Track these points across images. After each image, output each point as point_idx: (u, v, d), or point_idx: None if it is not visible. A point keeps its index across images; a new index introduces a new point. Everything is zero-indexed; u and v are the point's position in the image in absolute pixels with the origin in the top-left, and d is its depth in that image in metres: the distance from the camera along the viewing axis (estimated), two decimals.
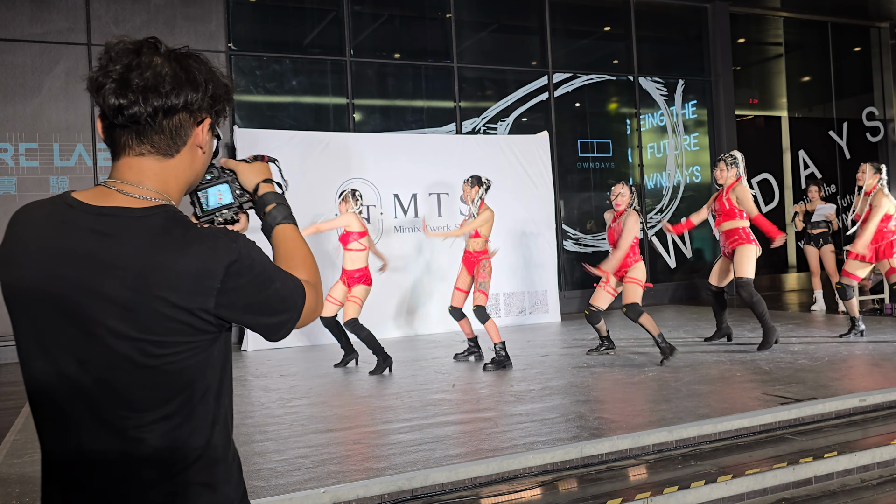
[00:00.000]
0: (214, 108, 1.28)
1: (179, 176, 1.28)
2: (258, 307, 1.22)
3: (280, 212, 1.40)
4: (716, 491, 3.35)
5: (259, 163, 1.44)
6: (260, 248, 1.25)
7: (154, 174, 1.24)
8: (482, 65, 10.63)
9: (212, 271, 1.16)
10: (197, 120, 1.26)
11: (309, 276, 1.35)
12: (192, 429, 1.22)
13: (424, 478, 3.36)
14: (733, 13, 12.31)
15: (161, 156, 1.24)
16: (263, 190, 1.42)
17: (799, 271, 13.06)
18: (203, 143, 1.29)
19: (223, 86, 1.29)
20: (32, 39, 8.16)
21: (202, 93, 1.24)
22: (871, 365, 5.52)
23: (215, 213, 1.41)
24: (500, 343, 6.10)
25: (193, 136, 1.27)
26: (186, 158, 1.27)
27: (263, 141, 8.39)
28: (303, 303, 1.29)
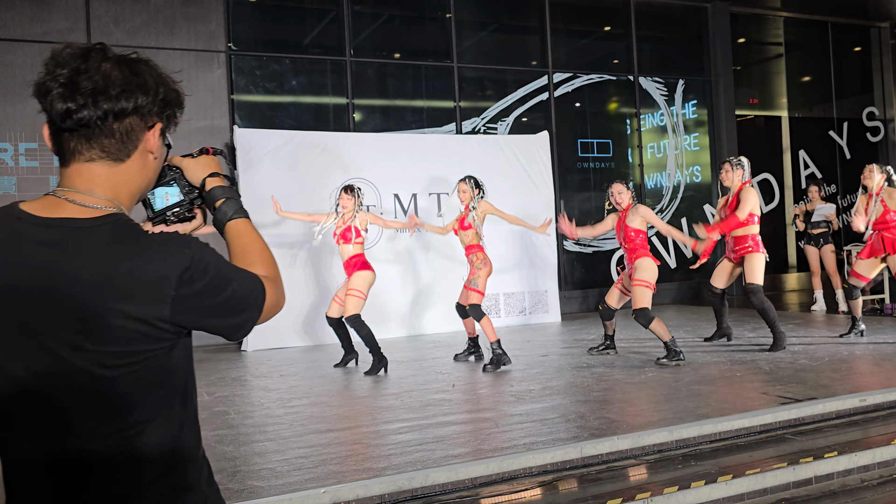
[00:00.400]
0: (165, 112, 1.27)
1: (131, 181, 1.25)
2: (216, 310, 1.21)
3: (230, 206, 1.36)
4: (716, 491, 3.35)
5: (205, 156, 1.42)
6: (214, 250, 1.23)
7: (105, 180, 1.22)
8: (482, 65, 10.63)
9: (165, 279, 1.14)
10: (148, 124, 1.25)
11: (267, 271, 1.33)
12: (158, 435, 1.20)
13: (424, 478, 3.36)
14: (733, 13, 12.31)
15: (112, 161, 1.22)
16: (211, 184, 1.38)
17: (799, 271, 13.06)
18: (154, 149, 1.27)
19: (174, 91, 1.28)
20: (32, 39, 8.15)
21: (153, 96, 1.23)
22: (871, 365, 5.52)
23: (166, 213, 1.39)
24: (495, 342, 6.08)
25: (144, 141, 1.25)
26: (137, 163, 1.25)
27: (263, 141, 8.39)
28: (262, 300, 1.28)
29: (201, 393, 5.65)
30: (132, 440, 1.18)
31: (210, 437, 4.24)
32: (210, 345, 8.54)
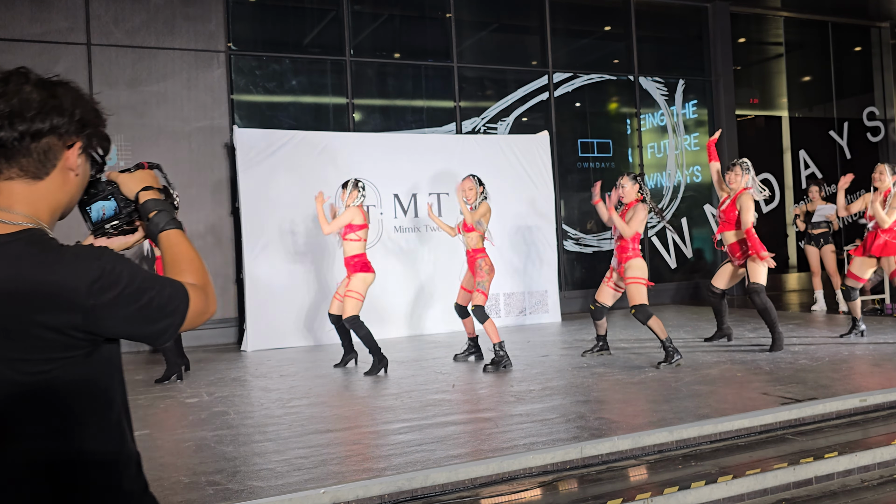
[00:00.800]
0: (84, 132, 1.32)
1: (50, 198, 1.30)
2: (132, 319, 1.24)
3: (162, 218, 1.41)
4: (716, 491, 3.35)
5: (140, 171, 1.47)
6: (130, 261, 1.27)
7: (23, 197, 1.27)
8: (482, 64, 10.63)
9: (75, 290, 1.19)
10: (67, 143, 1.30)
11: (195, 279, 1.36)
12: (81, 438, 1.24)
13: (424, 478, 3.35)
14: (734, 13, 12.31)
15: (30, 178, 1.28)
16: (144, 198, 1.44)
17: (799, 271, 13.05)
18: (74, 167, 1.32)
19: (92, 111, 1.34)
20: (32, 39, 8.15)
21: (69, 117, 1.28)
22: (871, 365, 5.51)
23: (104, 226, 1.45)
24: (498, 343, 6.09)
25: (64, 159, 1.30)
26: (57, 181, 1.30)
27: (263, 141, 8.38)
28: (185, 307, 1.31)
29: (202, 393, 5.65)
30: (52, 444, 1.22)
31: (210, 438, 4.24)
32: (210, 345, 8.54)
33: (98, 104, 1.37)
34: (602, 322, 6.48)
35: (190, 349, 7.69)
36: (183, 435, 4.34)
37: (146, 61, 8.61)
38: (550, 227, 9.69)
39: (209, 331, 8.67)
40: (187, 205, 8.66)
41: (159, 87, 8.64)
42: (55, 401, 1.22)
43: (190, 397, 5.51)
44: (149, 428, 4.56)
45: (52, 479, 1.23)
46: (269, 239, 8.25)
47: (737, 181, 6.56)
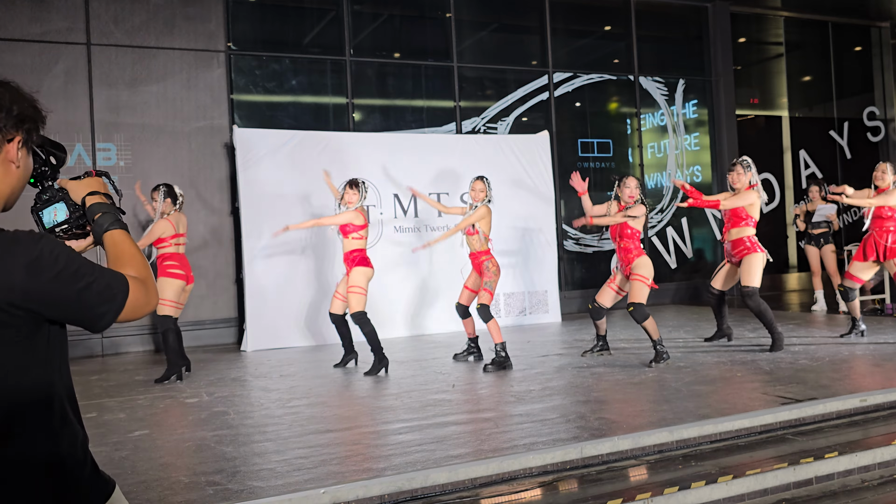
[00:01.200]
0: (24, 126, 1.43)
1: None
2: (70, 300, 1.32)
3: (106, 219, 1.52)
4: (716, 491, 3.35)
5: (88, 178, 1.59)
6: (71, 249, 1.36)
7: None
8: (482, 64, 10.62)
9: (11, 269, 1.27)
10: (6, 138, 1.41)
11: (136, 272, 1.45)
12: (22, 421, 1.32)
13: (424, 478, 3.35)
14: (734, 13, 12.30)
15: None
16: (90, 202, 1.55)
17: (800, 271, 13.05)
18: (15, 159, 1.43)
19: (30, 108, 1.44)
20: (32, 39, 8.15)
21: (6, 113, 1.39)
22: (871, 365, 5.51)
23: (55, 230, 1.56)
24: (500, 344, 6.09)
25: (4, 153, 1.42)
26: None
27: (263, 140, 8.38)
28: (124, 295, 1.39)
29: (201, 393, 5.65)
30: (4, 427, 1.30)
31: (210, 438, 4.23)
32: (210, 345, 8.54)
33: (38, 102, 1.47)
34: (601, 322, 6.48)
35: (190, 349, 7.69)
36: (183, 435, 4.34)
37: (146, 61, 8.61)
38: (550, 227, 9.69)
39: (209, 331, 8.67)
40: (187, 205, 8.66)
41: (159, 87, 8.64)
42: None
43: (190, 397, 5.51)
44: (149, 428, 4.55)
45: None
46: (269, 239, 8.25)
47: (739, 180, 6.54)
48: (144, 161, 8.50)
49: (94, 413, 5.02)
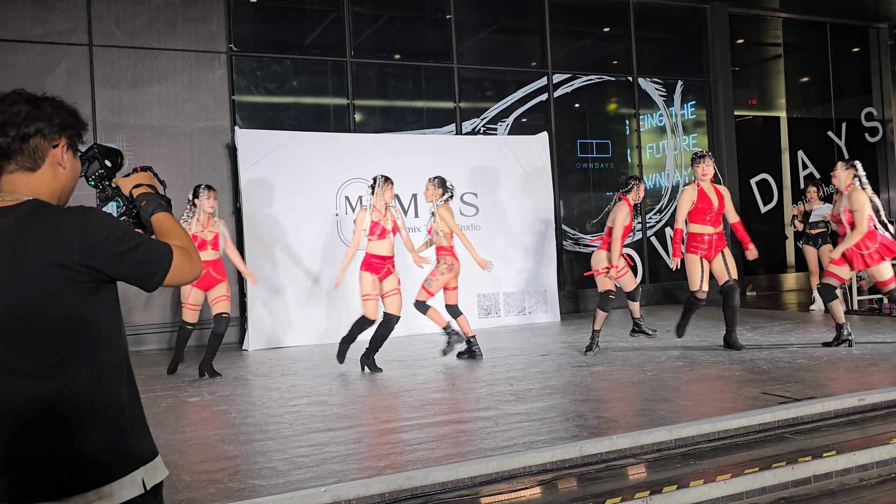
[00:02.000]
0: (66, 133, 1.66)
1: (46, 185, 1.64)
2: (121, 258, 1.55)
3: (150, 205, 1.77)
4: (715, 490, 3.37)
5: (135, 174, 1.84)
6: (116, 219, 1.61)
7: (23, 184, 1.62)
8: (482, 65, 10.65)
9: (69, 233, 1.51)
10: (52, 142, 1.63)
11: (181, 243, 1.68)
12: (89, 370, 1.54)
13: (424, 476, 3.38)
14: (732, 14, 12.33)
15: (26, 171, 1.62)
16: (136, 193, 1.80)
17: (797, 271, 13.08)
18: (62, 161, 1.66)
19: (70, 116, 1.67)
20: (34, 40, 8.17)
21: (48, 122, 1.62)
22: (869, 364, 5.54)
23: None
24: (472, 337, 6.47)
25: (52, 155, 1.64)
26: (48, 173, 1.64)
27: (264, 141, 8.40)
28: (169, 260, 1.62)
29: (203, 392, 5.67)
30: (63, 377, 1.51)
31: (211, 437, 4.26)
32: None
33: (78, 111, 1.70)
34: (634, 305, 7.02)
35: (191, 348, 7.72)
36: (184, 434, 4.36)
37: (148, 62, 8.64)
38: (550, 228, 9.72)
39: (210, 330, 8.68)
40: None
41: (161, 88, 8.67)
42: (62, 334, 1.51)
43: (191, 396, 5.54)
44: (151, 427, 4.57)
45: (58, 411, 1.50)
46: (271, 239, 8.28)
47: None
48: (146, 161, 8.52)
49: None
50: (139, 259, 1.58)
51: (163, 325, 8.57)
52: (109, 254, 1.54)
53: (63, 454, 1.50)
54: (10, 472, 1.50)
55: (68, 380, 1.51)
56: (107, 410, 1.55)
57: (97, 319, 1.56)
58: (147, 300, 8.48)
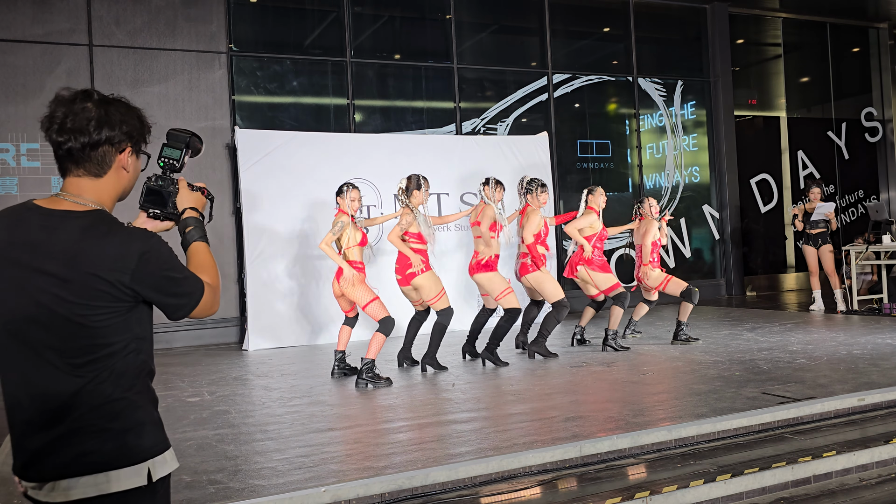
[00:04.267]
0: (133, 138, 1.73)
1: (109, 191, 1.72)
2: (163, 289, 1.64)
3: (195, 233, 1.84)
4: (715, 490, 3.37)
5: (197, 193, 1.90)
6: (171, 249, 1.67)
7: (89, 190, 1.68)
8: (482, 65, 10.65)
9: (127, 255, 1.59)
10: (119, 149, 1.70)
11: (211, 280, 1.75)
12: (112, 374, 1.62)
13: (424, 477, 3.38)
14: (732, 14, 12.33)
15: (93, 176, 1.69)
16: (187, 215, 1.87)
17: (797, 271, 13.08)
18: (126, 165, 1.73)
19: (136, 121, 1.73)
20: (34, 40, 8.17)
21: (118, 129, 1.68)
22: (869, 364, 5.54)
23: (148, 207, 1.86)
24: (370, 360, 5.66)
25: (117, 161, 1.71)
26: (113, 178, 1.72)
27: (264, 141, 8.40)
28: (200, 296, 1.70)
29: (203, 392, 5.67)
30: (94, 376, 1.60)
31: (211, 437, 4.26)
32: (211, 344, 8.56)
33: (143, 114, 1.76)
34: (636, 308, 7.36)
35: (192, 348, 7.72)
36: (184, 434, 4.36)
37: (148, 62, 8.64)
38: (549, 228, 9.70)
39: (211, 330, 8.69)
40: None
41: (161, 88, 8.67)
42: (97, 340, 1.60)
43: (191, 396, 5.54)
44: None
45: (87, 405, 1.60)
46: (270, 239, 8.28)
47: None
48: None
49: None
50: (178, 292, 1.67)
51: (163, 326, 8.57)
52: (157, 285, 1.63)
53: (77, 442, 1.60)
54: (25, 452, 1.62)
55: (90, 379, 1.60)
56: (122, 409, 1.64)
57: (129, 330, 1.64)
58: None
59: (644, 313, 7.48)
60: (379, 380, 5.58)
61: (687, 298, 6.86)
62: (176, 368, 6.88)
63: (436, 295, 6.00)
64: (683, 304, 6.90)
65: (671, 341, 7.01)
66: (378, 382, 5.57)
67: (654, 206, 7.26)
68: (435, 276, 6.07)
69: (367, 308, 5.73)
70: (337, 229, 5.76)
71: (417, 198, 6.01)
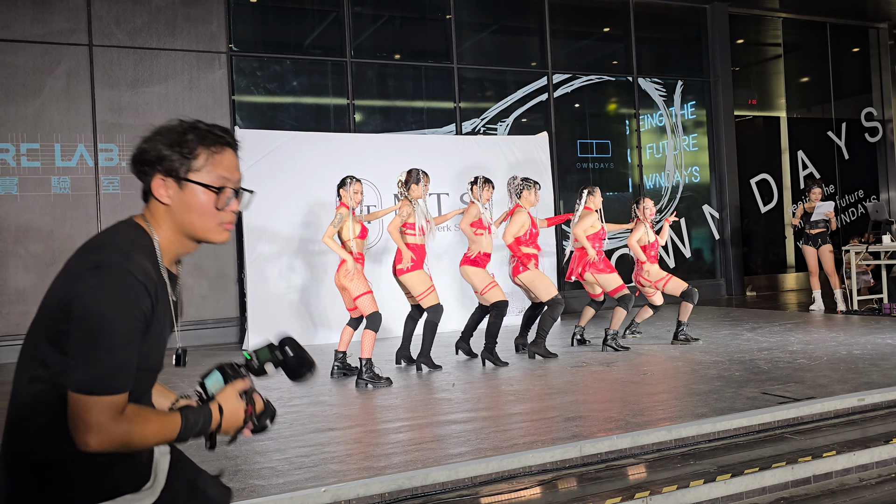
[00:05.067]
0: (162, 166, 1.62)
1: (156, 215, 1.65)
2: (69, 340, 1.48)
3: (191, 429, 1.70)
4: (715, 490, 3.37)
5: (238, 407, 1.73)
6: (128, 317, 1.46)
7: (144, 212, 1.67)
8: (482, 66, 10.65)
9: (66, 283, 1.53)
10: (151, 178, 1.63)
11: (137, 428, 1.50)
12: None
13: (424, 477, 3.38)
14: (732, 14, 12.34)
15: (144, 200, 1.67)
16: (215, 425, 1.72)
17: (797, 271, 13.08)
18: (161, 196, 1.62)
19: (169, 149, 1.62)
20: (34, 40, 8.17)
21: (154, 157, 1.62)
22: (869, 364, 5.54)
23: (199, 380, 1.78)
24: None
25: (153, 188, 1.63)
26: (153, 204, 1.65)
27: (264, 141, 8.40)
28: (101, 391, 1.44)
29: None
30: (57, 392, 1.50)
31: None
32: (211, 344, 8.56)
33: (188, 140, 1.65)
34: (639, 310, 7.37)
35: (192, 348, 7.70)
36: None
37: (147, 62, 8.64)
38: (549, 228, 9.71)
39: (211, 330, 8.70)
40: None
41: (161, 88, 8.67)
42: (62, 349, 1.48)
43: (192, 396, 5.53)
44: None
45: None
46: (270, 239, 8.28)
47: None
48: None
49: None
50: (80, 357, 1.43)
51: None
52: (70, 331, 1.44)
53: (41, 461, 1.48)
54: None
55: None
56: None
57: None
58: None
59: (647, 316, 7.45)
60: (379, 380, 5.60)
61: (687, 298, 6.86)
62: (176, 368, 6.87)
63: (423, 292, 6.08)
64: (683, 304, 6.91)
65: (671, 341, 7.01)
66: (378, 382, 5.59)
67: (651, 208, 7.15)
68: (424, 274, 6.13)
69: (359, 300, 5.81)
70: (337, 221, 5.85)
71: (416, 191, 6.09)
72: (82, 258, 1.51)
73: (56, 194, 8.15)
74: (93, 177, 8.32)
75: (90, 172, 8.32)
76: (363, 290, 5.82)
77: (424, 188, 6.14)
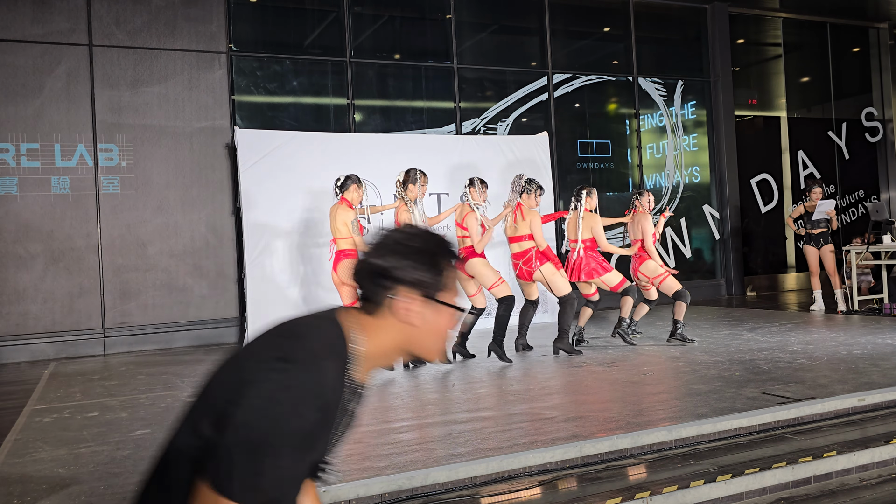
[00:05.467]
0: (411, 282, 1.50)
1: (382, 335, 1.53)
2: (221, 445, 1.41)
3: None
4: (715, 490, 3.37)
5: None
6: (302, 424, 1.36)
7: (362, 319, 1.55)
8: (482, 65, 10.65)
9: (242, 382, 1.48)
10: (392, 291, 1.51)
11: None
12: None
13: (424, 477, 3.37)
14: (732, 14, 12.33)
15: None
16: None
17: (798, 271, 13.08)
18: (407, 316, 1.51)
19: (430, 276, 1.50)
20: (33, 40, 8.17)
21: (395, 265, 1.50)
22: (870, 364, 5.54)
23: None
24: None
25: (394, 305, 1.51)
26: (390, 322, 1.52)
27: (264, 141, 8.40)
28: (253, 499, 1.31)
29: None
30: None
31: None
32: (212, 344, 8.56)
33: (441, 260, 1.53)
34: (636, 308, 7.35)
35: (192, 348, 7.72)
36: None
37: (147, 62, 8.64)
38: (549, 228, 9.71)
39: (211, 330, 8.70)
40: (189, 205, 8.69)
41: (161, 88, 8.67)
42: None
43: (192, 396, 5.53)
44: (150, 427, 4.58)
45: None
46: (270, 239, 8.28)
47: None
48: (146, 162, 8.54)
49: (95, 412, 5.04)
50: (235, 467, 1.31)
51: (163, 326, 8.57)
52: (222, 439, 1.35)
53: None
54: None
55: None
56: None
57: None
58: (143, 297, 8.48)
59: (644, 313, 7.49)
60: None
61: (680, 297, 6.91)
62: (176, 368, 6.88)
63: None
64: (678, 303, 6.95)
65: (667, 339, 7.03)
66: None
67: (652, 201, 7.33)
68: None
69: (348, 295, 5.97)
70: (354, 229, 6.00)
71: (413, 192, 6.11)
72: (272, 342, 1.46)
73: (56, 194, 8.16)
74: (92, 177, 8.32)
75: (90, 172, 8.32)
76: None
77: (422, 188, 6.18)
